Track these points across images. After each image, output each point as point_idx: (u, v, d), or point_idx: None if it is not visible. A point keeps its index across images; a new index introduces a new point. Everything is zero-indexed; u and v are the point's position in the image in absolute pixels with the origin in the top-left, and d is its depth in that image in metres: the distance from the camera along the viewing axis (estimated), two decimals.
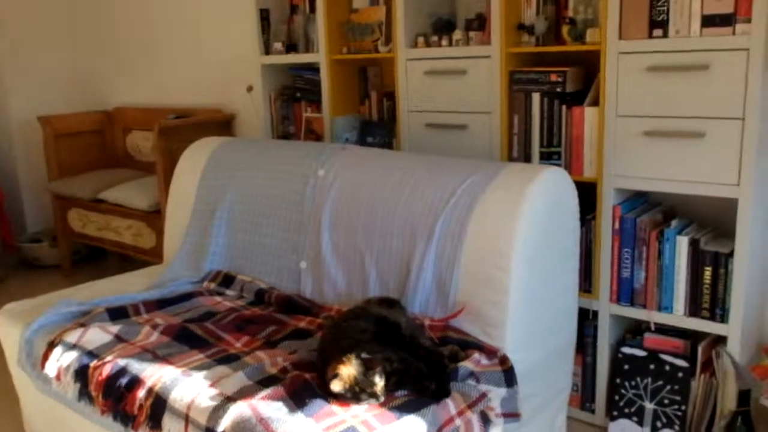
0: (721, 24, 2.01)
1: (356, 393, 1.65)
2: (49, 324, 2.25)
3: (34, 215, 4.79)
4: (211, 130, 3.80)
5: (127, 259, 4.57)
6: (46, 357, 2.12)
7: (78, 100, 4.88)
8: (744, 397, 2.06)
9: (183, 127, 3.66)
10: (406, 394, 1.74)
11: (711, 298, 2.17)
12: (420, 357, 1.84)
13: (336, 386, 1.64)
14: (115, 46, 4.67)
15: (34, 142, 4.62)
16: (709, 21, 2.03)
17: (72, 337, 2.12)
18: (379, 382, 1.66)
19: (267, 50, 3.26)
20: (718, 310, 2.16)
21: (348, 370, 1.66)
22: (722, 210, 2.33)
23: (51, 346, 2.13)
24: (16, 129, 4.65)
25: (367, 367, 1.67)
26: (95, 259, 4.75)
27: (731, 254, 2.11)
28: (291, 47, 3.21)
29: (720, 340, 2.21)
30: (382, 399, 1.67)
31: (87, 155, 4.53)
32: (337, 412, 1.64)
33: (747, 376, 2.07)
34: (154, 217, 3.69)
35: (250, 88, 3.52)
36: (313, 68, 3.15)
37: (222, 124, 3.91)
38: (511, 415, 1.87)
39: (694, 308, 2.20)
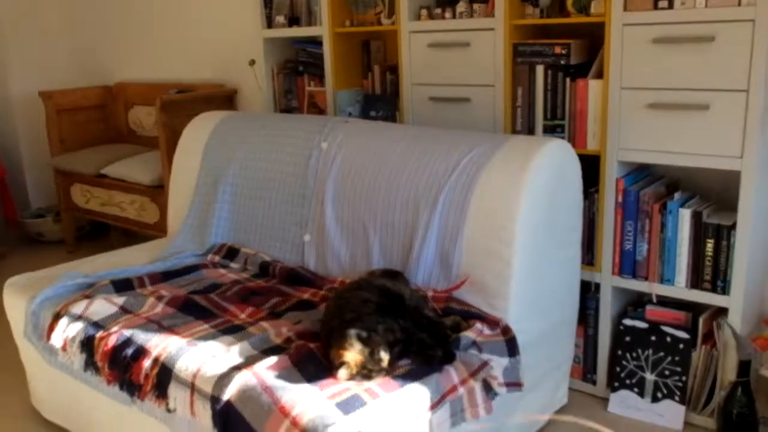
0: None
1: (366, 374, 1.66)
2: (55, 296, 2.27)
3: (37, 191, 4.79)
4: (213, 104, 3.79)
5: (130, 234, 4.58)
6: (51, 328, 2.14)
7: (80, 75, 4.87)
8: (744, 367, 2.08)
9: (185, 102, 3.66)
10: (410, 363, 1.76)
11: (713, 271, 2.17)
12: (423, 327, 1.86)
13: (343, 375, 1.65)
14: (117, 20, 4.65)
15: (36, 118, 4.61)
16: None
17: (77, 308, 2.13)
18: (386, 357, 1.68)
19: (269, 24, 3.25)
20: (720, 282, 2.17)
21: (353, 356, 1.66)
22: (725, 183, 2.33)
23: (57, 317, 2.15)
24: (17, 104, 4.64)
25: (371, 346, 1.68)
26: (99, 234, 4.76)
27: (733, 227, 2.11)
28: (293, 20, 3.20)
29: (721, 312, 2.22)
30: (391, 371, 1.69)
31: (89, 130, 4.53)
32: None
33: (747, 347, 2.08)
34: (158, 192, 3.70)
35: (252, 62, 3.50)
36: (316, 41, 3.14)
37: (224, 99, 3.90)
38: (514, 385, 1.90)
39: (695, 280, 2.21)
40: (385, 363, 1.67)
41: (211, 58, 4.08)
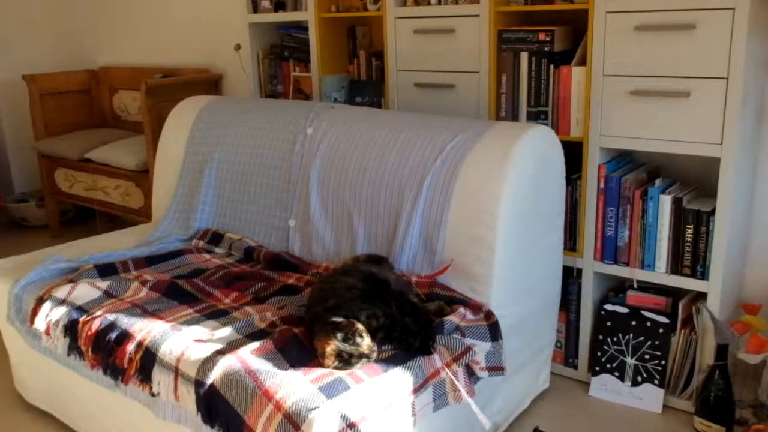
0: None
1: (347, 361, 1.67)
2: (38, 280, 2.26)
3: (21, 175, 4.76)
4: (198, 89, 3.78)
5: (115, 220, 4.57)
6: (35, 312, 2.13)
7: (64, 59, 4.82)
8: (722, 351, 2.12)
9: (170, 87, 3.64)
10: (393, 348, 1.78)
11: (692, 256, 2.20)
12: (407, 312, 1.88)
13: (329, 363, 1.66)
14: (101, 3, 4.60)
15: (20, 102, 4.57)
16: None
17: (61, 292, 2.13)
18: (363, 342, 1.68)
19: (255, 8, 3.23)
20: (699, 267, 2.20)
21: (334, 346, 1.67)
22: (705, 169, 2.36)
23: (40, 301, 2.14)
24: (0, 88, 4.60)
25: (346, 332, 1.69)
26: (83, 219, 4.74)
27: (713, 213, 2.14)
28: (279, 5, 3.18)
29: (700, 297, 2.25)
30: (374, 356, 1.70)
31: (73, 115, 4.50)
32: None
33: (725, 331, 2.12)
34: (143, 176, 3.68)
35: (237, 47, 3.49)
36: (302, 27, 3.13)
37: (210, 84, 3.88)
38: (496, 369, 1.92)
39: (675, 266, 2.24)
40: (364, 348, 1.67)
41: (196, 43, 4.06)
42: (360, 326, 1.70)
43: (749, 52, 2.02)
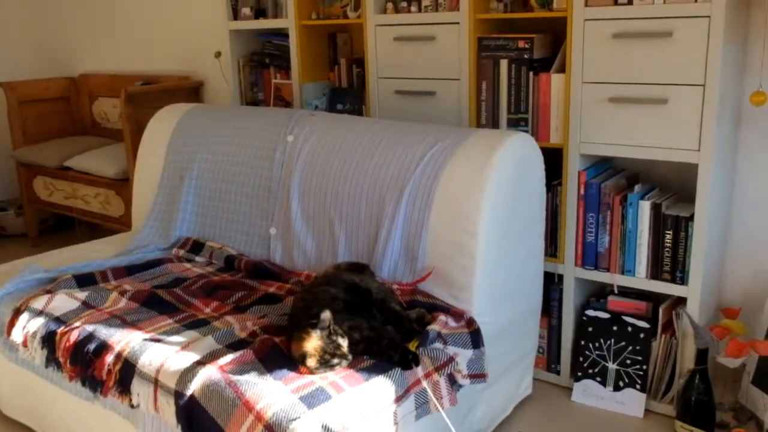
0: None
1: (327, 361, 1.66)
2: (15, 291, 2.23)
3: None
4: (179, 96, 3.76)
5: (95, 228, 4.52)
6: (12, 324, 2.11)
7: (42, 66, 4.78)
8: (702, 356, 2.13)
9: (150, 94, 3.61)
10: (373, 359, 1.77)
11: (672, 261, 2.22)
12: (389, 321, 1.87)
13: (312, 362, 1.65)
14: (80, 10, 4.57)
15: None
16: None
17: (38, 303, 2.11)
18: (344, 343, 1.69)
19: (235, 15, 3.22)
20: (679, 272, 2.21)
21: (312, 343, 1.67)
22: (684, 175, 2.38)
23: (17, 312, 2.12)
24: None
25: (328, 331, 1.69)
26: (63, 228, 4.69)
27: (691, 218, 2.16)
28: (260, 12, 3.18)
29: (680, 302, 2.27)
30: (350, 358, 1.70)
31: (52, 122, 4.45)
32: (306, 375, 1.67)
33: (705, 336, 2.13)
34: (122, 185, 3.65)
35: (218, 54, 3.48)
36: (282, 34, 3.12)
37: (190, 91, 3.86)
38: (478, 376, 1.92)
39: (655, 271, 2.26)
40: (344, 348, 1.67)
41: (176, 50, 4.04)
42: (340, 330, 1.70)
43: (725, 59, 2.04)
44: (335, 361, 1.67)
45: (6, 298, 2.21)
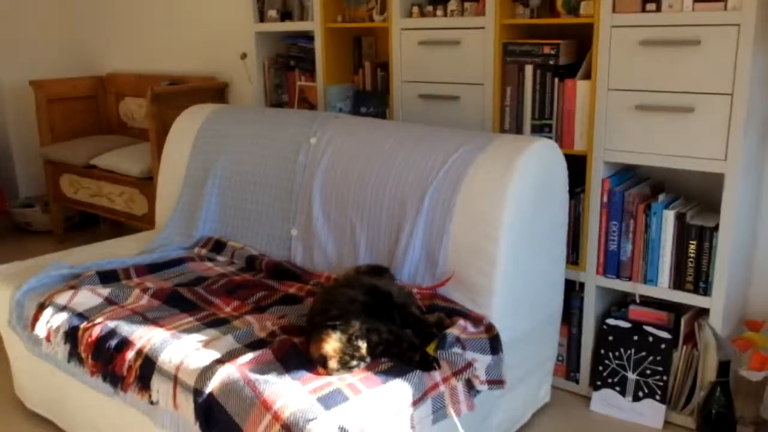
0: None
1: (347, 362, 1.67)
2: (40, 286, 2.26)
3: (26, 180, 4.77)
4: (204, 97, 3.79)
5: (119, 226, 4.57)
6: (36, 318, 2.14)
7: (70, 66, 4.85)
8: (724, 368, 2.10)
9: (176, 94, 3.65)
10: (392, 360, 1.77)
11: (695, 272, 2.19)
12: (409, 324, 1.87)
13: (332, 364, 1.65)
14: (108, 11, 4.63)
15: (26, 107, 4.58)
16: None
17: (62, 299, 2.13)
18: (363, 345, 1.69)
19: (261, 18, 3.24)
20: (702, 283, 2.19)
21: (332, 344, 1.67)
22: (709, 185, 2.35)
23: (41, 307, 2.15)
24: (8, 93, 4.62)
25: (348, 333, 1.69)
26: (88, 225, 4.75)
27: (716, 228, 2.13)
28: (286, 15, 3.20)
29: (703, 313, 2.24)
30: (369, 360, 1.70)
31: (79, 121, 4.51)
32: (324, 376, 1.67)
33: (727, 348, 2.11)
34: (147, 183, 3.69)
35: (243, 56, 3.50)
36: (308, 36, 3.14)
37: (215, 92, 3.89)
38: (496, 383, 1.91)
39: (678, 281, 2.23)
40: (363, 350, 1.67)
41: (202, 51, 4.07)
42: (358, 327, 1.70)
43: (754, 68, 2.02)
44: (354, 363, 1.68)
45: (31, 293, 2.24)
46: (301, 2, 3.14)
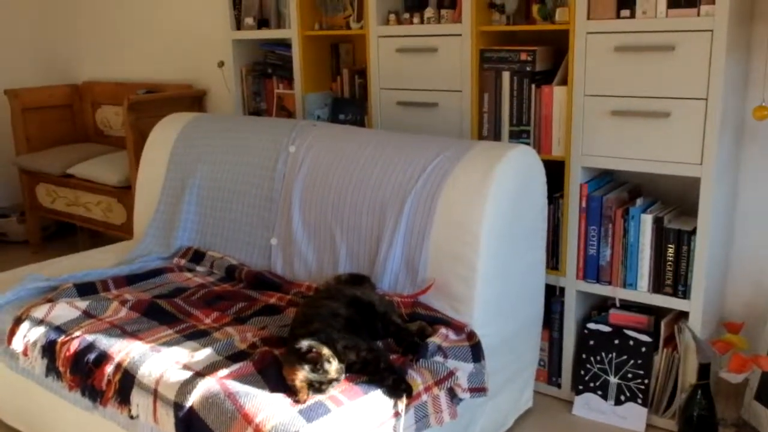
0: (687, 5, 2.03)
1: (318, 389, 1.63)
2: (16, 299, 2.23)
3: (2, 190, 4.70)
4: (181, 105, 3.76)
5: (97, 236, 4.52)
6: (12, 332, 2.10)
7: (46, 74, 4.79)
8: (704, 370, 2.12)
9: (153, 103, 3.62)
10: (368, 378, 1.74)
11: (674, 275, 2.21)
12: (390, 333, 1.87)
13: (302, 396, 1.61)
14: (85, 18, 4.59)
15: (1, 116, 4.52)
16: (674, 2, 2.05)
17: (39, 312, 2.11)
18: (331, 367, 1.65)
19: (238, 25, 3.23)
20: (681, 286, 2.20)
21: (299, 376, 1.63)
22: (686, 189, 2.37)
23: (18, 321, 2.11)
24: None
25: (314, 362, 1.64)
26: (65, 235, 4.69)
27: (693, 232, 2.15)
28: (263, 22, 3.18)
29: (682, 316, 2.26)
30: (342, 378, 1.67)
31: (55, 130, 4.46)
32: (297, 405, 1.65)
33: (707, 350, 2.12)
34: (125, 192, 3.66)
35: (221, 64, 3.48)
36: (285, 44, 3.13)
37: (193, 100, 3.87)
38: (479, 390, 1.91)
39: (657, 285, 2.25)
40: (332, 373, 1.64)
41: (180, 59, 4.05)
42: (325, 352, 1.66)
43: (728, 73, 2.04)
44: (324, 387, 1.64)
45: (7, 306, 2.21)
46: (278, 10, 3.13)
